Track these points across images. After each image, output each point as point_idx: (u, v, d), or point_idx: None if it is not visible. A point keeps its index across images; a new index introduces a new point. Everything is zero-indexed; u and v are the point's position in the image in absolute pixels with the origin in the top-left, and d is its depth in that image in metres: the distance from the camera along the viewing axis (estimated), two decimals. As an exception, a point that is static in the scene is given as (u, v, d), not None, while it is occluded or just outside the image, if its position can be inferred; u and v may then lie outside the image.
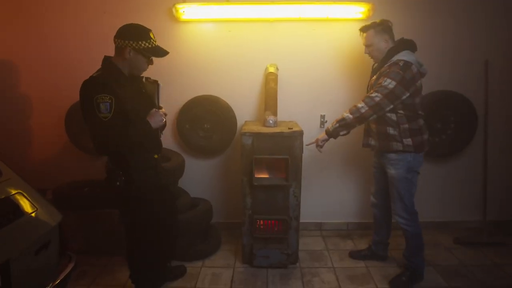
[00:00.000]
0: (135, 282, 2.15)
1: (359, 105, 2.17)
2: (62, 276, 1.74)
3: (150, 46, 1.84)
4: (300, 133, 2.42)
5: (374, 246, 2.66)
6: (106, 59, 1.90)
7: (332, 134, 2.29)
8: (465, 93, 2.87)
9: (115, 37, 1.85)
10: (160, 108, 2.00)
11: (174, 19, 2.83)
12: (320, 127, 3.00)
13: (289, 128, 2.45)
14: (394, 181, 2.28)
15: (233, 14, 2.79)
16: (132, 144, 1.84)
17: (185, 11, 2.74)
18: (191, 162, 3.04)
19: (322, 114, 2.99)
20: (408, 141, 2.20)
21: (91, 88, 1.74)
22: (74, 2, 2.89)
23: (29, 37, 2.94)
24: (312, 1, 2.71)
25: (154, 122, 1.88)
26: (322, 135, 2.34)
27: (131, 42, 1.80)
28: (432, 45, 2.83)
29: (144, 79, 2.01)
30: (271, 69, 2.83)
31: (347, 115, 2.21)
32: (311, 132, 2.96)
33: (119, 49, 1.85)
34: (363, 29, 2.30)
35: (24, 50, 2.96)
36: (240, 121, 2.96)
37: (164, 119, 1.95)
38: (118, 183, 1.87)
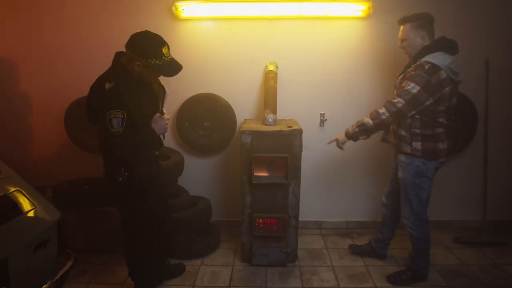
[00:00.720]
0: (134, 279, 2.15)
1: (380, 111, 2.08)
2: (60, 273, 1.74)
3: (161, 63, 1.77)
4: (300, 131, 2.41)
5: (375, 244, 2.65)
6: (117, 59, 1.86)
7: (351, 137, 2.24)
8: (466, 92, 2.85)
9: (127, 45, 1.77)
10: (163, 113, 1.99)
11: (174, 17, 2.83)
12: (320, 125, 3.00)
13: (288, 127, 2.44)
14: (401, 184, 2.26)
15: (233, 12, 2.78)
16: (137, 149, 1.86)
17: (184, 9, 2.74)
18: (190, 160, 3.04)
19: (322, 112, 2.98)
20: (417, 145, 2.12)
21: (104, 102, 1.73)
22: (73, 0, 2.89)
23: (28, 35, 2.94)
24: (312, -1, 2.70)
25: (158, 128, 1.90)
26: (342, 136, 2.29)
27: (141, 59, 1.74)
28: (433, 43, 2.82)
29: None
30: (271, 67, 2.82)
31: (368, 120, 2.12)
32: (311, 131, 2.96)
33: (129, 59, 1.79)
34: (400, 21, 2.18)
35: (23, 48, 2.96)
36: (239, 119, 2.95)
37: (166, 124, 1.97)
38: (121, 179, 1.86)
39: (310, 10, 2.75)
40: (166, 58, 1.78)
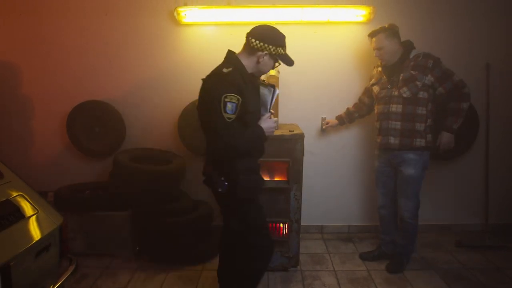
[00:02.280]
0: None
1: (465, 106, 2.34)
2: (62, 278, 1.73)
3: (284, 53, 1.79)
4: (301, 136, 2.42)
5: (384, 247, 2.67)
6: (232, 55, 1.80)
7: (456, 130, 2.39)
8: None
9: (252, 36, 1.74)
10: (271, 113, 1.88)
11: (176, 22, 2.84)
12: (321, 129, 3.00)
13: (290, 131, 2.45)
14: (410, 181, 2.34)
15: (235, 17, 2.80)
16: (246, 150, 1.74)
17: (186, 14, 2.75)
18: (192, 165, 3.03)
19: (323, 117, 2.98)
20: (429, 137, 2.32)
21: (222, 85, 1.64)
22: (76, 3, 2.91)
23: (30, 38, 2.96)
24: (313, 4, 2.72)
25: (266, 127, 1.79)
26: (449, 138, 2.40)
27: (271, 47, 1.73)
28: (433, 48, 2.80)
29: (261, 81, 1.91)
30: (272, 72, 2.81)
31: (460, 120, 2.35)
32: (313, 135, 2.96)
33: (252, 50, 1.75)
34: (372, 34, 2.39)
35: (26, 51, 2.98)
36: (241, 124, 2.95)
37: (276, 126, 1.85)
38: (220, 190, 1.76)
39: (312, 15, 2.78)
40: (286, 49, 1.83)
